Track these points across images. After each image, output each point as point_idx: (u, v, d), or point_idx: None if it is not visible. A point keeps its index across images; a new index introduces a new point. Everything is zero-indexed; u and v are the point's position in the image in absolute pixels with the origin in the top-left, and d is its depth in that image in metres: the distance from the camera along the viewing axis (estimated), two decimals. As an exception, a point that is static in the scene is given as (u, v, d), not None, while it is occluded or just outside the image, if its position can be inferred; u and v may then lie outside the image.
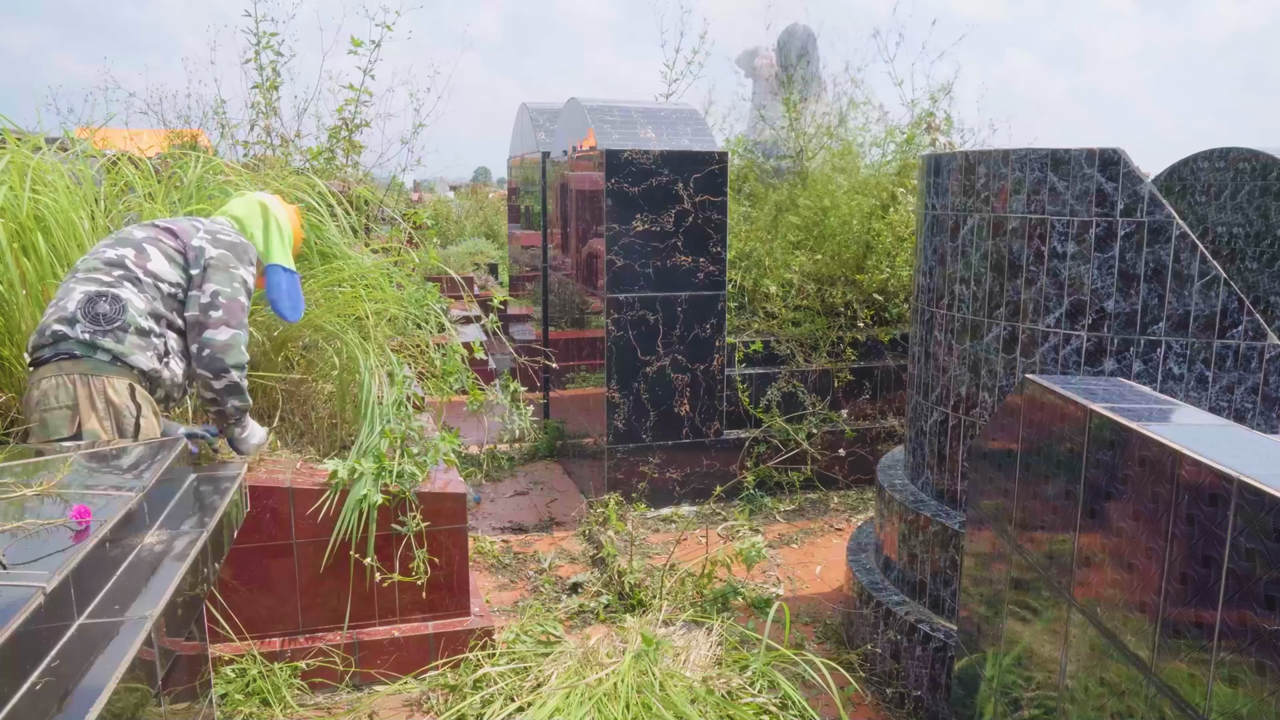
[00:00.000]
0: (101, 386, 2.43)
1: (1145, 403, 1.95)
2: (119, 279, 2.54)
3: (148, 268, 2.59)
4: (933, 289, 3.22)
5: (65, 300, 2.49)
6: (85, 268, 2.57)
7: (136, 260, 2.59)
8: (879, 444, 5.11)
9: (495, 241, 13.09)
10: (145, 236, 2.66)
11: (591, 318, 5.02)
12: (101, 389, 2.43)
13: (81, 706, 1.16)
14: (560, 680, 2.85)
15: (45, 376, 2.43)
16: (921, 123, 5.72)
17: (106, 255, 2.58)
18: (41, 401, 2.41)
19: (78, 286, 2.51)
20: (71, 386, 2.41)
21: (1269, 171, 3.54)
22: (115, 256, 2.58)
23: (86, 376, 2.42)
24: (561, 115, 5.68)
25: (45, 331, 2.46)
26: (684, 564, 3.84)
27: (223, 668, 2.90)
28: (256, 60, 4.94)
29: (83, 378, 2.42)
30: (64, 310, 2.47)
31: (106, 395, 2.43)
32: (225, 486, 2.04)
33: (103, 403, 2.42)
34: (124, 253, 2.59)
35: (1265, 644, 1.31)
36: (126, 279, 2.55)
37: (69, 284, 2.55)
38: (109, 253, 2.59)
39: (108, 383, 2.44)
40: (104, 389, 2.43)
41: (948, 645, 2.84)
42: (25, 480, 1.72)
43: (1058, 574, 1.97)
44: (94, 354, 2.44)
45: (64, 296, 2.51)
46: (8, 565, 1.33)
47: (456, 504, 3.19)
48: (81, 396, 2.41)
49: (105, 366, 2.45)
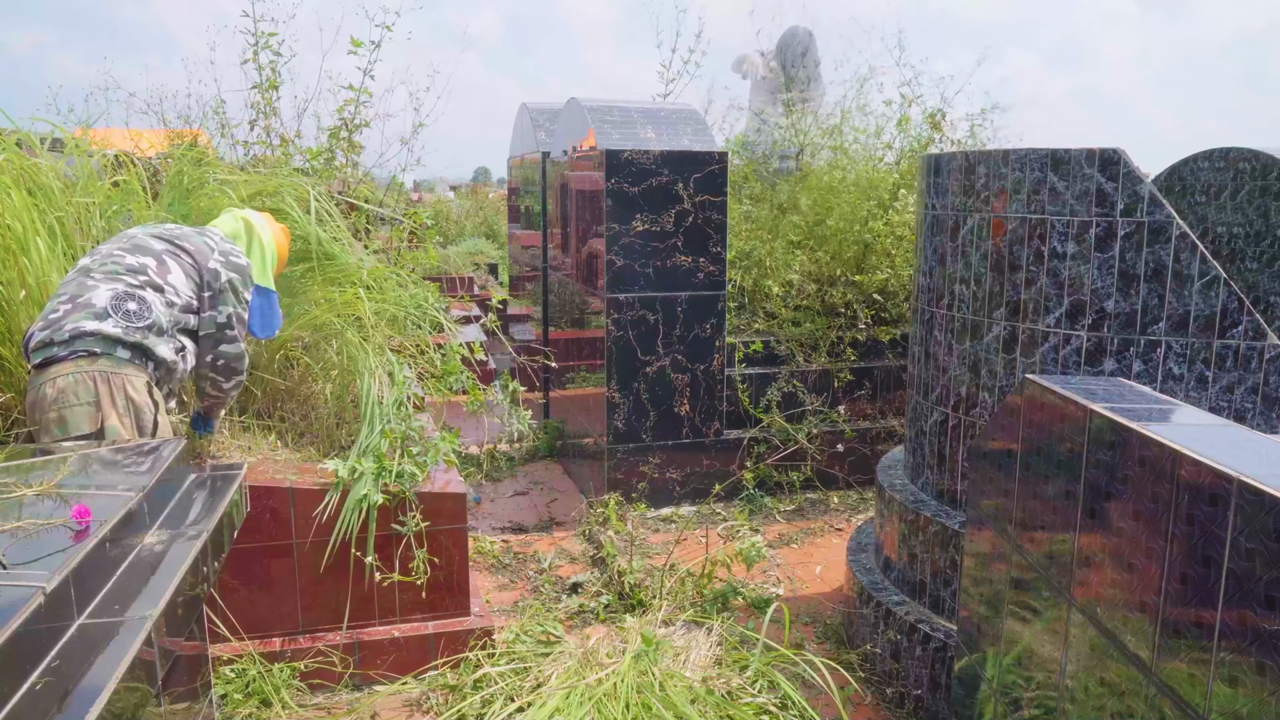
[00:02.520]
0: (121, 383, 2.46)
1: (1145, 403, 1.95)
2: (143, 284, 2.62)
3: (168, 280, 2.70)
4: (933, 289, 3.22)
5: (89, 296, 2.52)
6: (104, 270, 2.61)
7: (158, 271, 2.68)
8: (879, 444, 5.11)
9: (495, 241, 13.10)
10: (164, 249, 2.76)
11: (591, 318, 5.02)
12: (122, 386, 2.46)
13: (81, 706, 1.16)
14: (560, 680, 2.85)
15: (62, 374, 2.42)
16: (930, 119, 5.71)
17: (127, 262, 2.65)
18: (60, 399, 2.40)
19: (102, 285, 2.55)
20: (92, 383, 2.42)
21: (1269, 171, 3.54)
22: (137, 264, 2.65)
23: (107, 374, 2.44)
24: (561, 115, 5.68)
25: (62, 328, 2.45)
26: (684, 564, 3.84)
27: (222, 668, 2.90)
28: (256, 60, 4.94)
29: (103, 375, 2.44)
30: (92, 306, 2.49)
31: (127, 392, 2.46)
32: (225, 486, 2.04)
33: (123, 399, 2.45)
34: (145, 261, 2.68)
35: (1265, 644, 1.31)
36: (149, 285, 2.64)
37: (86, 281, 2.57)
38: (129, 259, 2.66)
39: (127, 380, 2.47)
40: (124, 386, 2.46)
41: (948, 645, 2.84)
42: (25, 480, 1.72)
43: (1058, 574, 1.97)
44: (114, 351, 2.47)
45: (82, 293, 2.53)
46: (8, 565, 1.33)
47: (456, 504, 3.19)
48: (103, 393, 2.42)
49: (125, 363, 2.49)
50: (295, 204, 3.68)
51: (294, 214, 3.61)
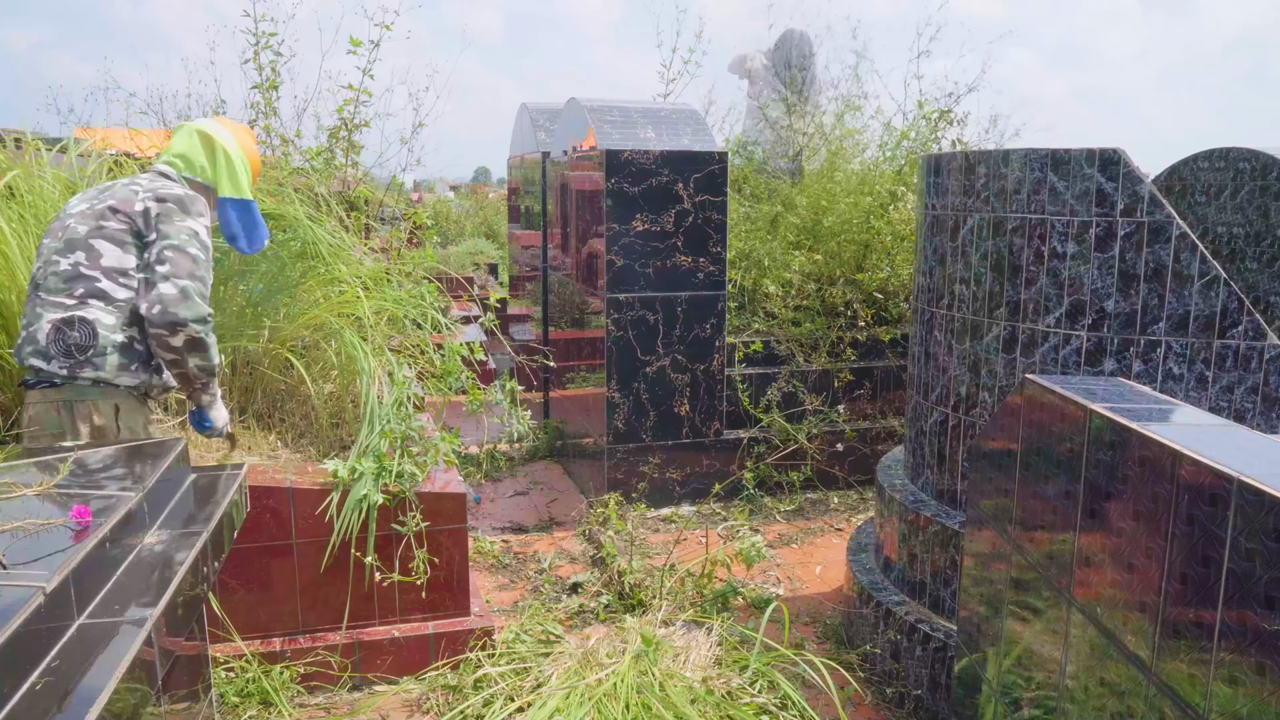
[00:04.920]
0: (86, 412, 2.42)
1: (1145, 403, 1.95)
2: (82, 298, 2.40)
3: (104, 266, 2.43)
4: (933, 289, 3.22)
5: (35, 329, 2.41)
6: (46, 286, 2.43)
7: (90, 265, 2.43)
8: (879, 444, 5.11)
9: (495, 241, 13.09)
10: (89, 230, 2.46)
11: (591, 318, 5.02)
12: (86, 414, 2.42)
13: (81, 706, 1.16)
14: (560, 680, 2.85)
15: (33, 402, 2.44)
16: (937, 115, 5.71)
17: (61, 267, 2.42)
18: (31, 425, 2.44)
19: (44, 313, 2.41)
20: (56, 415, 2.41)
21: (1269, 171, 3.54)
22: (69, 268, 2.42)
23: (70, 403, 2.41)
24: (561, 115, 5.68)
25: (24, 360, 2.42)
26: (684, 564, 3.84)
27: (222, 668, 2.90)
28: (256, 60, 4.94)
29: (66, 405, 2.41)
30: (36, 343, 2.40)
31: (92, 421, 2.42)
32: (225, 486, 2.04)
33: (88, 428, 2.42)
34: (76, 259, 2.43)
35: (1265, 644, 1.31)
36: (90, 295, 2.41)
37: (33, 304, 2.45)
38: (62, 263, 2.43)
39: (92, 407, 2.43)
40: (89, 414, 2.42)
41: (948, 645, 2.84)
42: (25, 480, 1.72)
43: (1058, 574, 1.97)
44: (75, 380, 2.41)
45: (32, 322, 2.42)
46: (8, 565, 1.33)
47: (456, 504, 3.19)
48: (66, 424, 2.41)
49: (88, 390, 2.42)
50: (297, 202, 3.68)
51: (294, 212, 3.60)
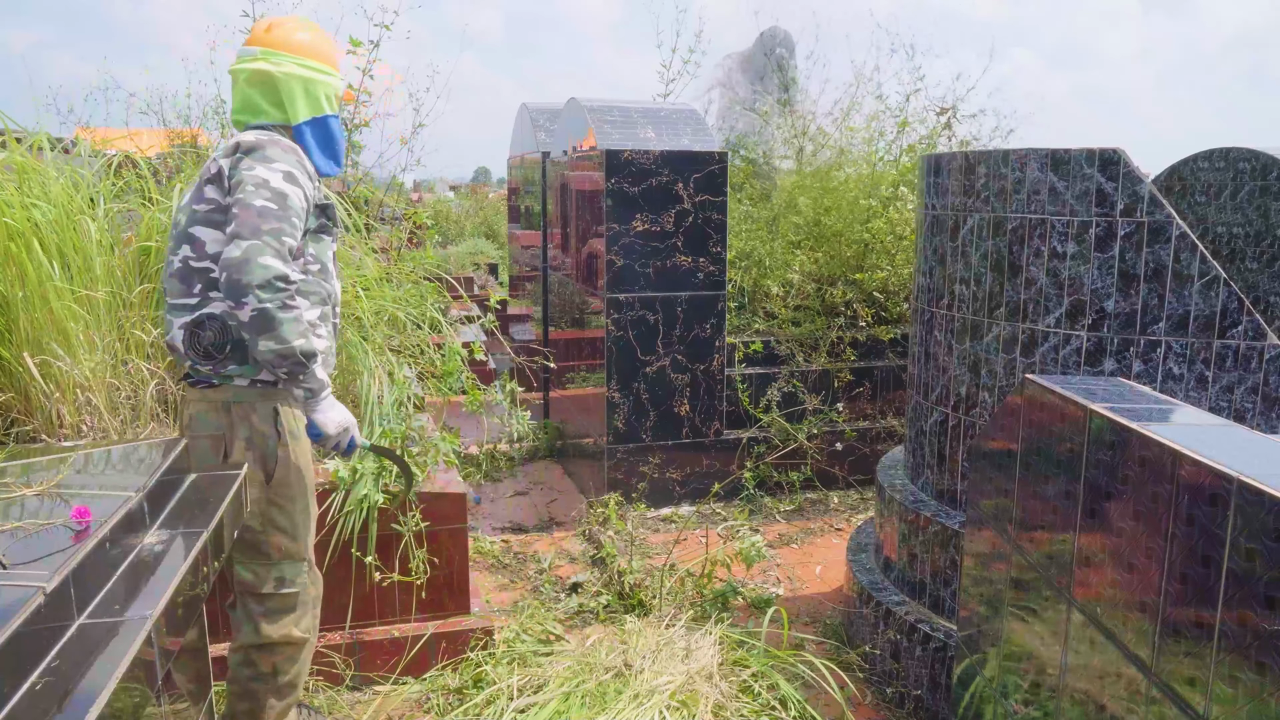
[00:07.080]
0: (245, 413, 2.30)
1: (1145, 403, 1.95)
2: (203, 294, 2.26)
3: (211, 254, 2.25)
4: (933, 289, 3.22)
5: (170, 338, 2.30)
6: (167, 289, 2.32)
7: (198, 256, 2.25)
8: (879, 444, 5.11)
9: (495, 241, 13.10)
10: (188, 219, 2.28)
11: (591, 318, 5.02)
12: (245, 416, 2.30)
13: (81, 706, 1.16)
14: (560, 680, 2.85)
15: (193, 400, 2.33)
16: (944, 114, 5.71)
17: (174, 266, 2.28)
18: (191, 426, 2.33)
19: (173, 318, 2.28)
20: (215, 414, 2.31)
21: (1269, 171, 3.54)
22: (180, 265, 2.27)
23: (229, 403, 2.30)
24: (561, 115, 5.68)
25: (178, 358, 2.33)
26: (684, 564, 3.84)
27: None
28: (256, 60, 4.93)
29: (225, 405, 2.30)
30: (177, 349, 2.29)
31: (250, 422, 2.31)
32: (225, 486, 2.04)
33: (246, 429, 2.31)
34: (184, 254, 2.27)
35: (1265, 644, 1.31)
36: (210, 288, 2.26)
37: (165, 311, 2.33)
38: (174, 261, 2.28)
39: (251, 409, 2.31)
40: (247, 415, 2.30)
41: (948, 645, 2.84)
42: (25, 480, 1.72)
43: (1058, 574, 1.97)
44: (231, 381, 2.29)
45: (166, 330, 2.31)
46: (8, 565, 1.33)
47: (456, 504, 3.19)
48: (226, 424, 2.30)
49: (245, 392, 2.30)
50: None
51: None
